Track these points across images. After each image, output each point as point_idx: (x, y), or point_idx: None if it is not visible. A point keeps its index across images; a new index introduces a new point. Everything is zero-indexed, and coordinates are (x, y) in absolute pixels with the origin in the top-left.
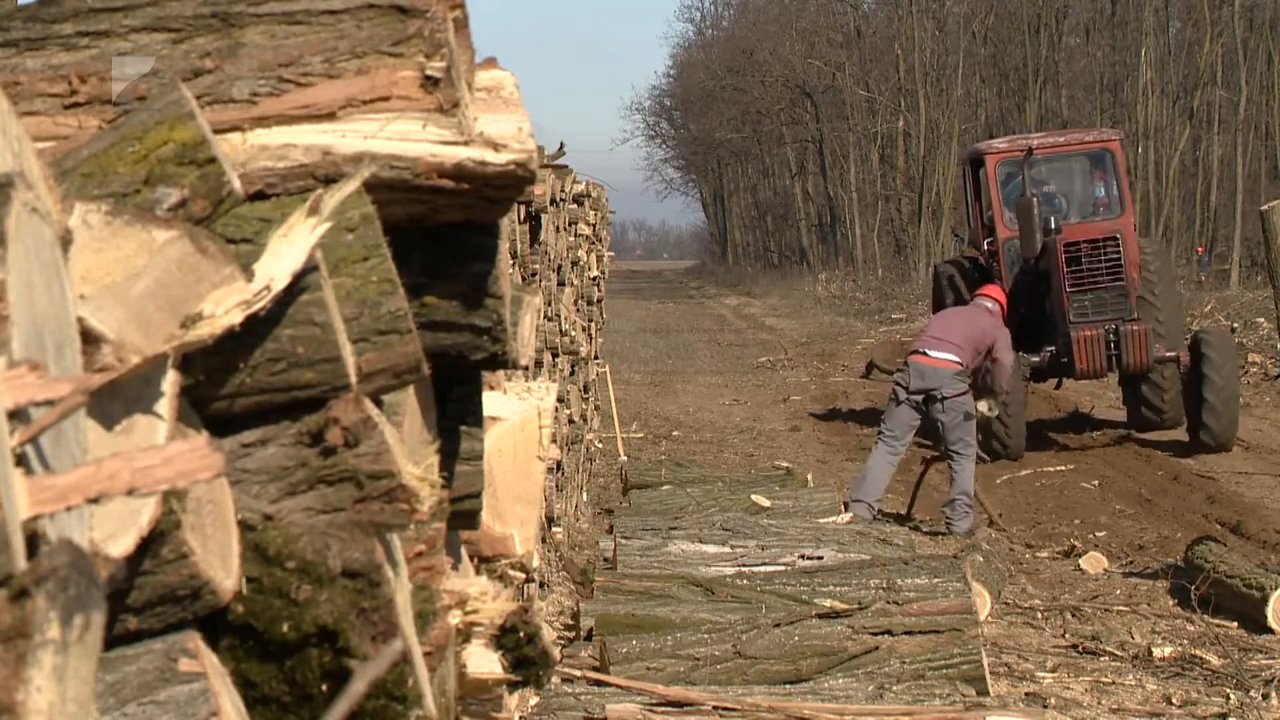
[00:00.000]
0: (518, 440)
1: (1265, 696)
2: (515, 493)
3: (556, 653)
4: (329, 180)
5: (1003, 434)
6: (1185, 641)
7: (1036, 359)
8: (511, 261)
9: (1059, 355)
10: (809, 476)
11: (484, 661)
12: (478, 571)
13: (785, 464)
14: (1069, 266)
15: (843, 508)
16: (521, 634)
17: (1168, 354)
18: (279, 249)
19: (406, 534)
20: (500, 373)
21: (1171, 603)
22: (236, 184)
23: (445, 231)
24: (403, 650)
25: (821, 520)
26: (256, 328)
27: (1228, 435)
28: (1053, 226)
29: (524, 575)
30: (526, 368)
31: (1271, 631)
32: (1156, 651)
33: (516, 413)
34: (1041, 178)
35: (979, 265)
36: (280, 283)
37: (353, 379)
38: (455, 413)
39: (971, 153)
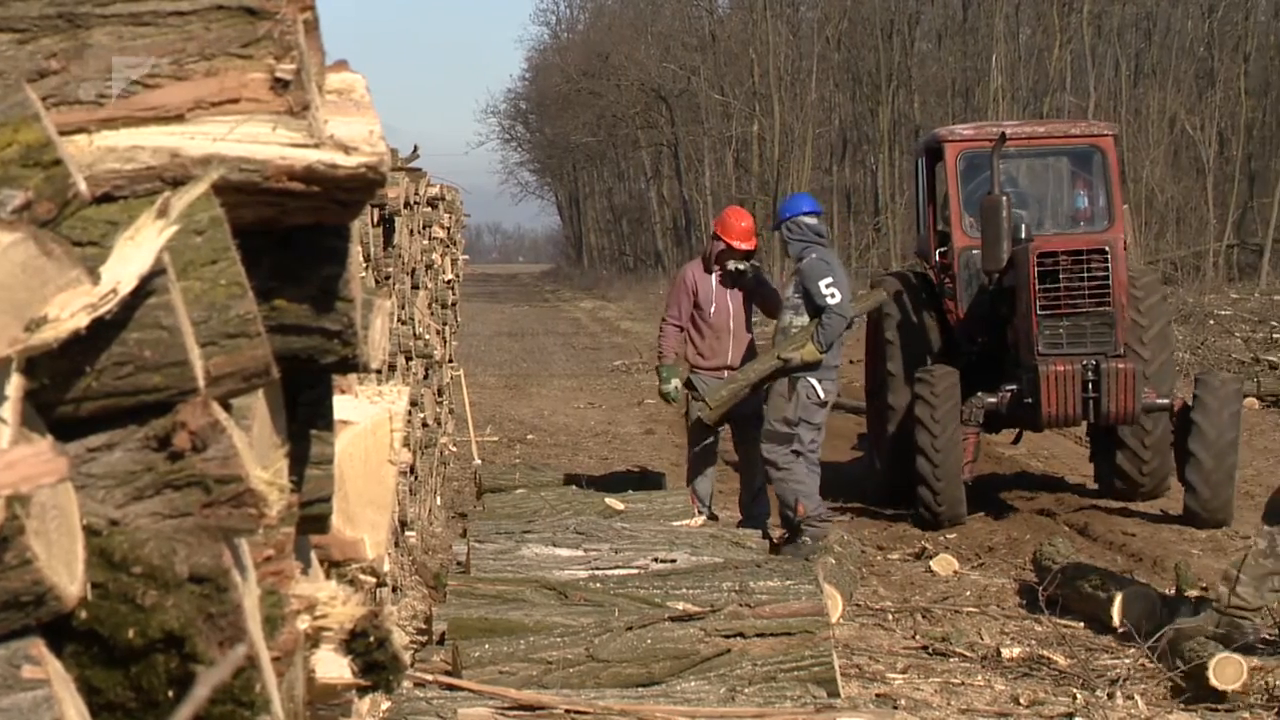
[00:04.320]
0: (369, 444)
1: (1111, 696)
2: (366, 497)
3: (408, 657)
4: (177, 183)
5: (930, 498)
6: (1033, 642)
7: (993, 400)
8: (365, 265)
9: (1021, 396)
10: (664, 479)
11: (334, 666)
12: (328, 576)
13: (638, 467)
14: (1042, 283)
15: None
16: (372, 638)
17: (1159, 401)
18: (126, 252)
19: (255, 539)
20: (352, 376)
21: (1020, 604)
22: (83, 186)
23: (296, 235)
24: (248, 655)
25: (675, 523)
26: (103, 331)
27: (1221, 498)
28: (1023, 235)
29: (375, 579)
30: (379, 371)
31: (1117, 631)
32: (1005, 652)
33: (368, 416)
34: (1013, 176)
35: (926, 280)
36: (127, 286)
37: (200, 383)
38: (305, 416)
39: (929, 141)
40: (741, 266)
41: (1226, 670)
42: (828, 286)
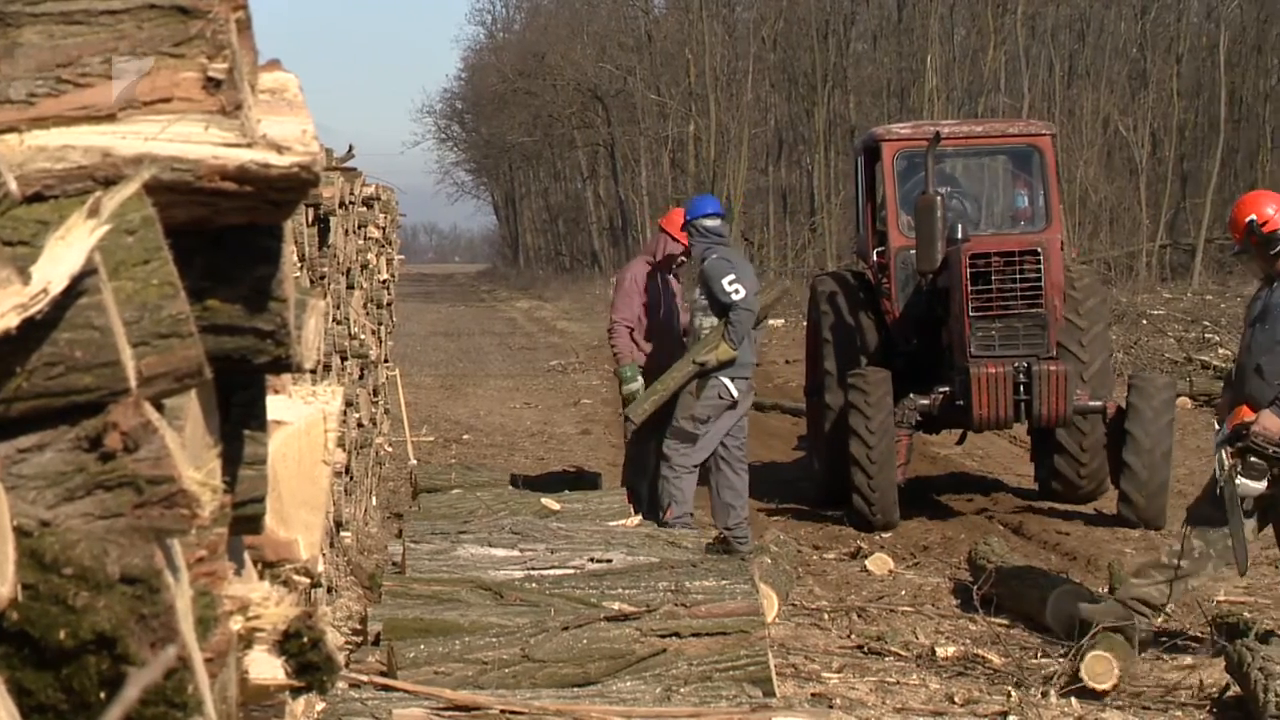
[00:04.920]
0: (303, 444)
1: (1044, 694)
2: (300, 497)
3: (342, 658)
4: (109, 182)
5: (865, 499)
6: (968, 641)
7: (926, 402)
8: (300, 264)
9: (954, 398)
10: (600, 479)
11: (267, 667)
12: (261, 577)
13: (576, 467)
14: (974, 285)
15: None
16: (305, 639)
17: (1092, 404)
18: (57, 252)
19: (187, 539)
20: (286, 376)
21: (955, 603)
22: (13, 185)
23: (228, 234)
24: (180, 656)
25: (611, 523)
26: (34, 331)
27: (1155, 507)
28: (959, 236)
29: (309, 580)
30: (313, 371)
31: (1050, 630)
32: (940, 651)
33: (302, 416)
34: (952, 176)
35: (864, 280)
36: (58, 286)
37: (132, 383)
38: (239, 417)
39: (866, 140)
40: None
41: (1097, 668)
42: (730, 284)
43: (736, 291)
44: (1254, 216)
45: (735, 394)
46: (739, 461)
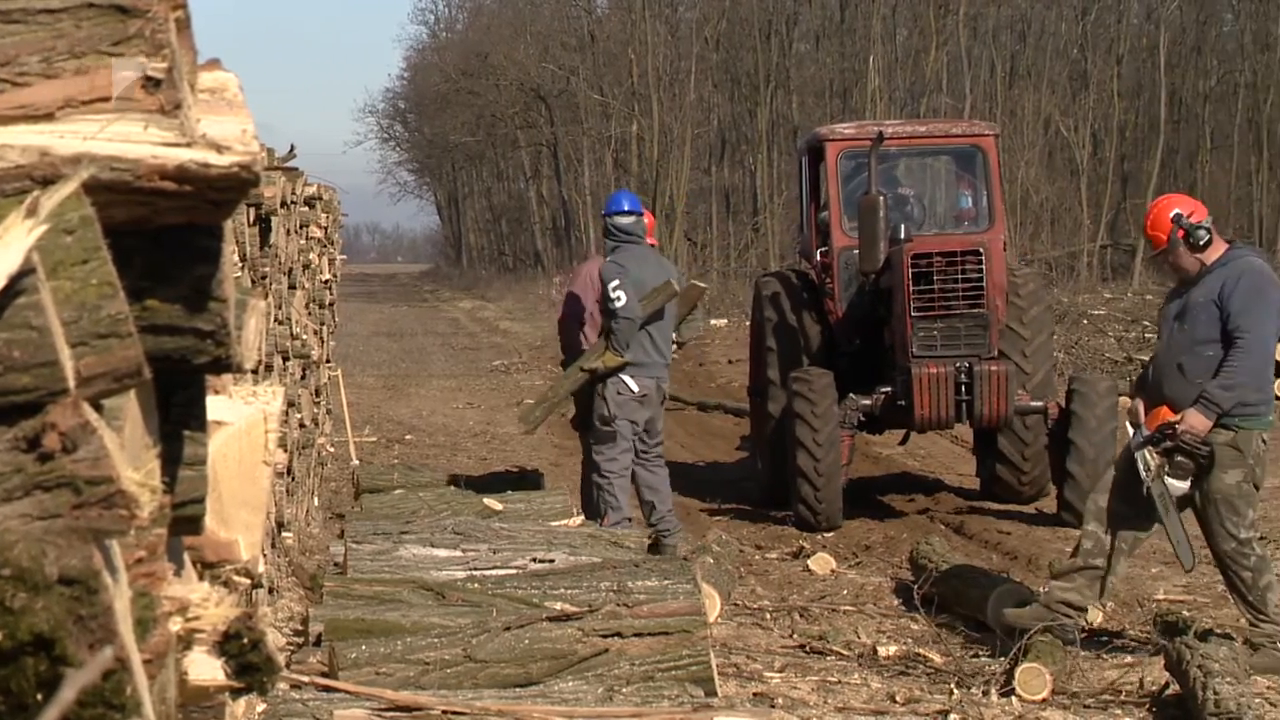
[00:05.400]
0: (243, 445)
1: (985, 693)
2: (241, 498)
3: (282, 659)
4: (47, 182)
5: (809, 499)
6: (910, 640)
7: (868, 402)
8: (241, 264)
9: (896, 398)
10: (543, 479)
11: (206, 668)
12: (201, 577)
13: (519, 467)
14: (916, 285)
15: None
16: (245, 640)
17: (1033, 404)
18: None
19: (126, 540)
20: (227, 377)
21: (896, 602)
22: None
23: (168, 234)
24: (118, 657)
25: (554, 524)
26: None
27: None
28: (901, 236)
29: (249, 581)
30: (254, 371)
31: (990, 629)
32: (881, 650)
33: (242, 417)
34: (896, 176)
35: (807, 280)
36: None
37: (71, 383)
38: (178, 417)
39: (810, 139)
40: None
41: (1029, 679)
42: (614, 290)
43: (618, 299)
44: (1179, 211)
45: (636, 389)
46: (653, 460)
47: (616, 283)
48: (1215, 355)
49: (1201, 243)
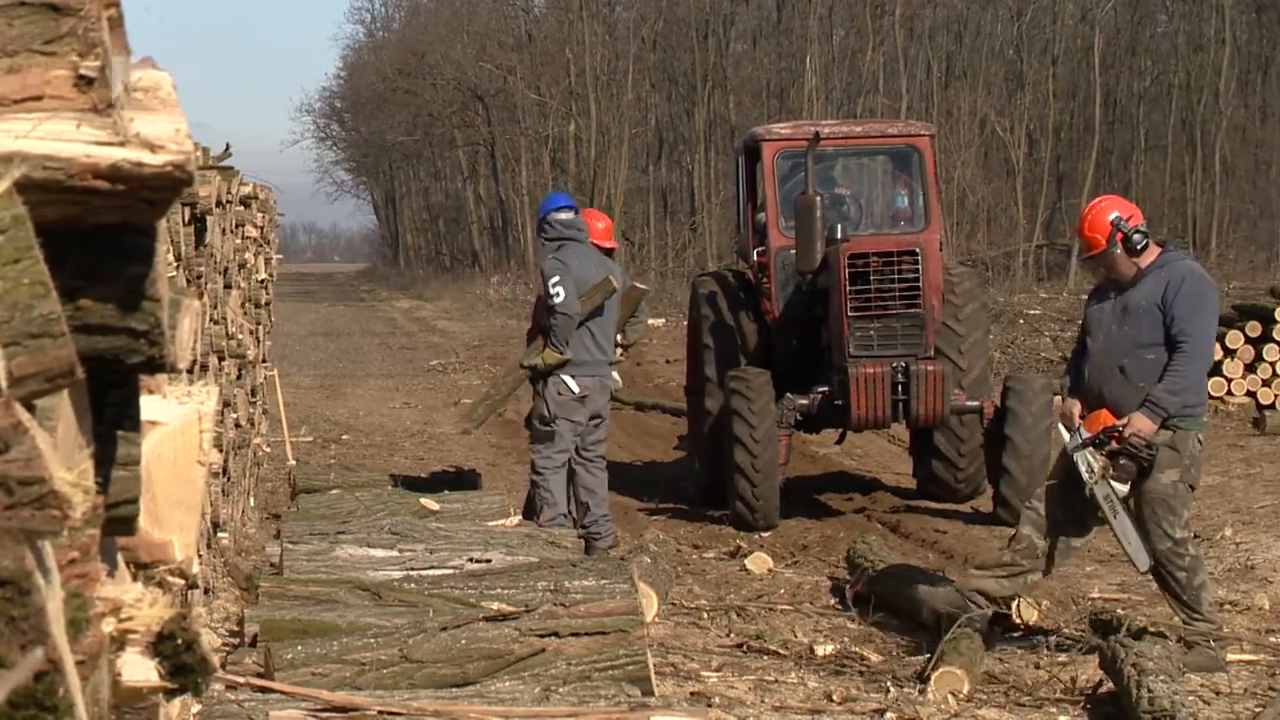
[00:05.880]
0: (177, 445)
1: (921, 691)
2: (175, 498)
3: (217, 659)
4: None
5: (746, 498)
6: (846, 639)
7: (805, 402)
8: (176, 264)
9: (832, 397)
10: (480, 479)
11: (140, 669)
12: (135, 578)
13: (456, 467)
14: (853, 285)
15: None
16: (180, 641)
17: (969, 404)
18: None
19: (59, 541)
20: (161, 376)
21: (833, 601)
22: None
23: (101, 234)
24: (50, 659)
25: (490, 523)
26: None
27: None
28: (838, 236)
29: (184, 581)
30: (190, 371)
31: (927, 628)
32: (818, 649)
33: (177, 417)
34: (833, 176)
35: (745, 280)
36: None
37: (3, 384)
38: (112, 417)
39: (747, 140)
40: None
41: (946, 683)
42: (554, 286)
43: (557, 295)
44: (1118, 214)
45: (576, 389)
46: (593, 462)
47: (557, 279)
48: (1157, 358)
49: (1139, 247)
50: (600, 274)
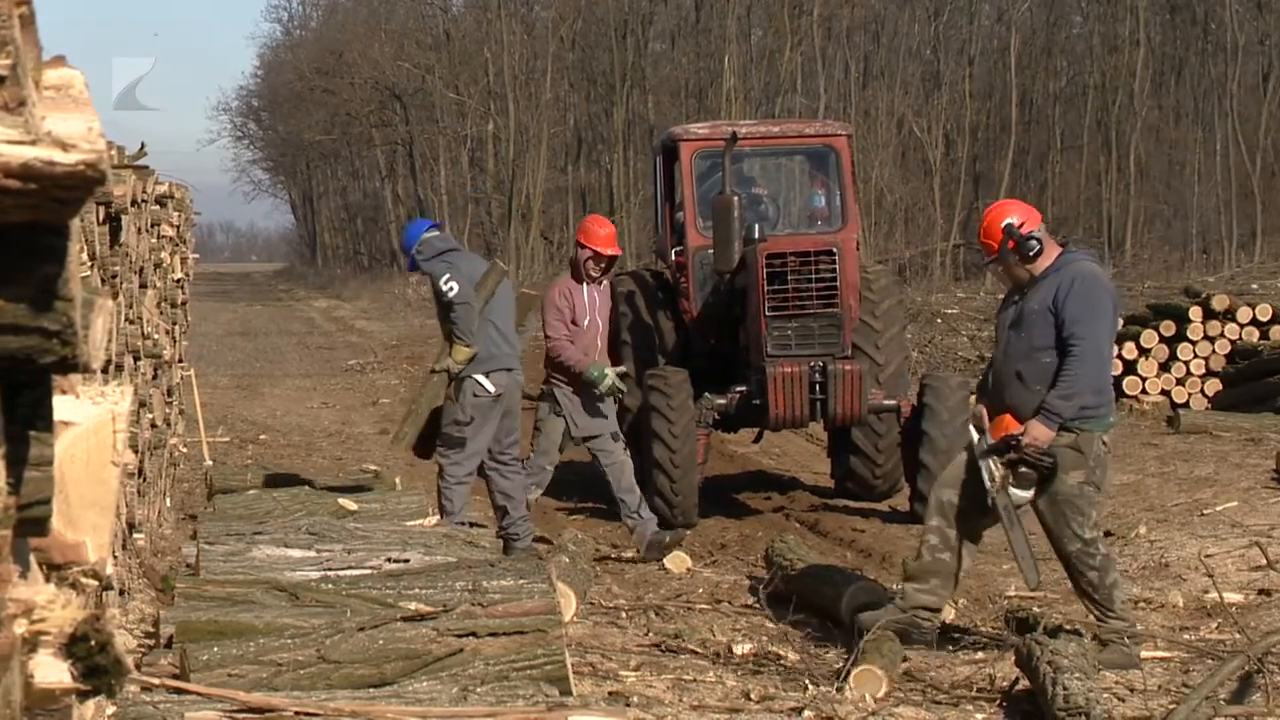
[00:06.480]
0: (91, 445)
1: (839, 690)
2: (89, 499)
3: (132, 661)
4: None
5: (668, 500)
6: (764, 638)
7: (723, 401)
8: (90, 263)
9: (751, 397)
10: (397, 480)
11: (53, 671)
12: (48, 579)
13: (374, 467)
14: (770, 285)
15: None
16: (93, 642)
17: (886, 402)
18: None
19: None
20: (75, 377)
21: (752, 600)
22: None
23: (12, 233)
24: None
25: (409, 523)
26: None
27: None
28: (756, 235)
29: (98, 582)
30: (105, 371)
31: (844, 626)
32: (737, 649)
33: (90, 417)
34: (751, 176)
35: (663, 280)
36: None
37: None
38: (24, 418)
39: (665, 139)
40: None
41: (865, 682)
42: (446, 282)
43: (451, 289)
44: (1011, 220)
45: (491, 389)
46: (507, 465)
47: (447, 275)
48: (1053, 362)
49: (1031, 254)
50: (479, 272)
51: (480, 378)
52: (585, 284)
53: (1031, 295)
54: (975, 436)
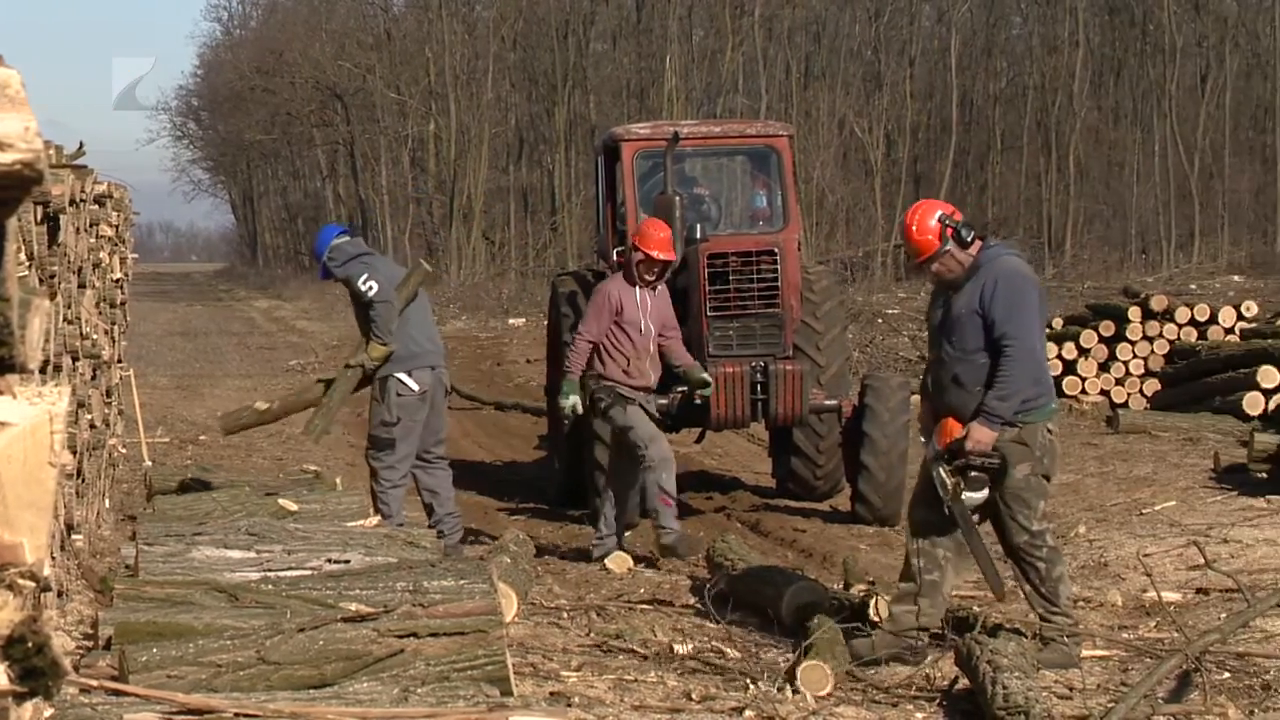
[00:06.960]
0: (28, 446)
1: (780, 689)
2: (26, 500)
3: (69, 663)
4: None
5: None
6: (706, 638)
7: (664, 401)
8: (28, 263)
9: (692, 397)
10: (338, 480)
11: None
12: None
13: (314, 467)
14: (712, 285)
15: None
16: (30, 644)
17: (827, 403)
18: None
19: None
20: (12, 377)
21: (693, 600)
22: None
23: None
24: None
25: (349, 524)
26: None
27: (892, 507)
28: (698, 235)
29: (35, 584)
30: (43, 371)
31: (786, 626)
32: (678, 648)
33: (27, 417)
34: (692, 176)
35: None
36: None
37: None
38: None
39: (606, 139)
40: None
41: (812, 676)
42: (364, 282)
43: (370, 288)
44: (941, 212)
45: (416, 387)
46: (433, 463)
47: (365, 275)
48: (987, 363)
49: (969, 239)
50: (396, 273)
51: (403, 376)
52: (638, 287)
53: (957, 298)
54: (924, 440)
